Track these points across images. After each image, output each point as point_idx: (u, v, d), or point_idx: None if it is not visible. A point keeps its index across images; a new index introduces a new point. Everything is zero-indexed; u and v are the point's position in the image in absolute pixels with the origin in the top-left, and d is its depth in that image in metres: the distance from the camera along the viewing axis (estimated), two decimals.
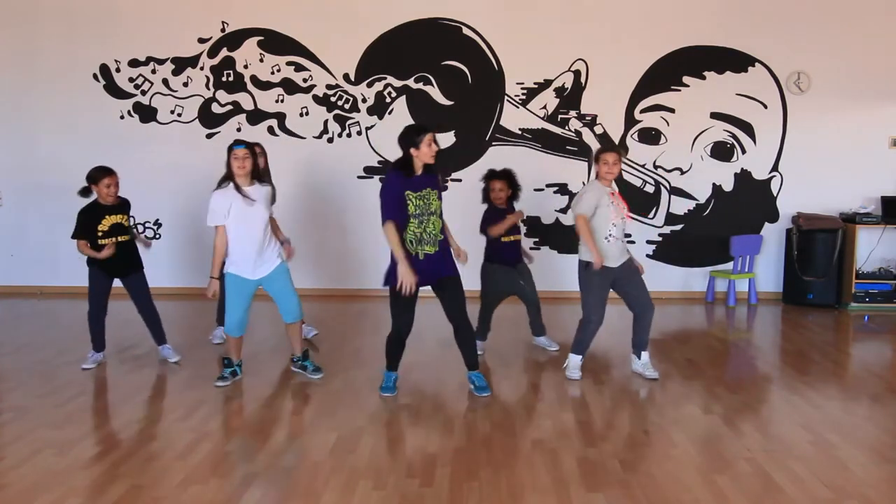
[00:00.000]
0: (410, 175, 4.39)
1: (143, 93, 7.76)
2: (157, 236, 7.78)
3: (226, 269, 4.70)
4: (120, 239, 5.08)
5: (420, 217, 4.39)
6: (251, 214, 4.62)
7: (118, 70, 7.75)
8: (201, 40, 7.71)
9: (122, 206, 5.15)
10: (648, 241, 7.80)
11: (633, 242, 7.58)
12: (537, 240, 7.75)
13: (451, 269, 4.54)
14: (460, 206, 7.89)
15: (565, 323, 6.34)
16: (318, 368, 5.02)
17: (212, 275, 4.70)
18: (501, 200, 5.44)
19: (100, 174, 5.03)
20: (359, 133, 7.75)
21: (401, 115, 7.70)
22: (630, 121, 7.72)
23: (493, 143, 7.73)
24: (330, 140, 7.77)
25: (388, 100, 7.72)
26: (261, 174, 4.86)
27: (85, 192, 5.07)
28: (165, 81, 7.75)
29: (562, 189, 7.72)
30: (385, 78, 7.70)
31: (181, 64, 7.73)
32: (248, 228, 4.63)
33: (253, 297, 4.80)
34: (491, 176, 5.47)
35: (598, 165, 4.83)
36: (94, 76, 7.75)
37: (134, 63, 7.74)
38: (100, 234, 5.03)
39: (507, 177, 5.46)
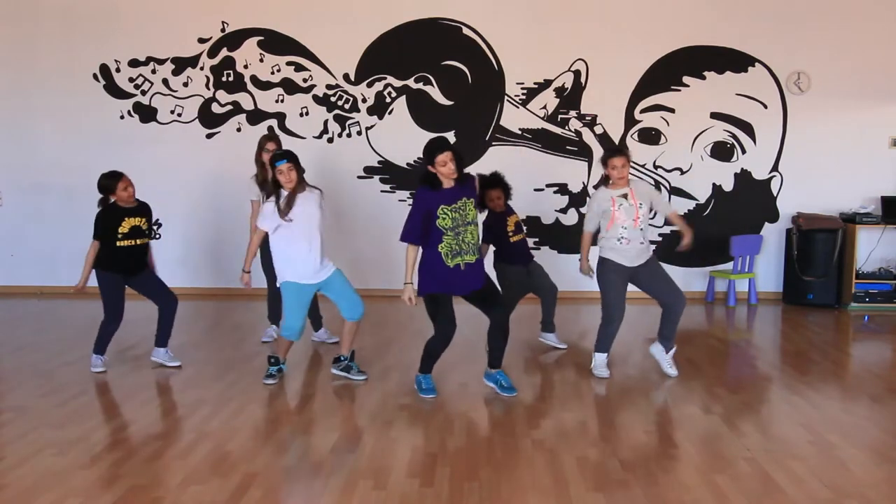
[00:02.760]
0: (438, 188, 4.35)
1: (143, 93, 7.76)
2: (157, 236, 7.77)
3: (284, 279, 4.75)
4: (138, 242, 5.04)
5: (456, 229, 4.35)
6: (298, 223, 4.66)
7: (118, 70, 7.75)
8: (201, 40, 7.71)
9: (142, 209, 5.10)
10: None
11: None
12: (537, 240, 7.75)
13: (486, 276, 4.55)
14: None
15: (567, 322, 6.32)
16: (362, 371, 4.99)
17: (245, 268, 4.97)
18: (501, 207, 5.47)
19: (112, 181, 4.94)
20: (359, 133, 7.75)
21: (401, 115, 7.71)
22: (630, 121, 7.72)
23: (493, 143, 7.73)
24: (330, 140, 7.77)
25: (388, 100, 7.72)
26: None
27: (103, 202, 5.01)
28: (165, 81, 7.75)
29: (562, 189, 7.72)
30: (385, 78, 7.70)
31: (181, 64, 7.73)
32: (305, 234, 4.68)
33: (311, 300, 4.90)
34: (484, 185, 5.28)
35: (608, 170, 4.82)
36: (94, 76, 7.75)
37: (134, 63, 7.74)
38: (119, 235, 4.98)
39: (500, 183, 5.44)
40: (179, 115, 7.78)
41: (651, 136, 7.70)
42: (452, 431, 4.01)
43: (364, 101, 7.73)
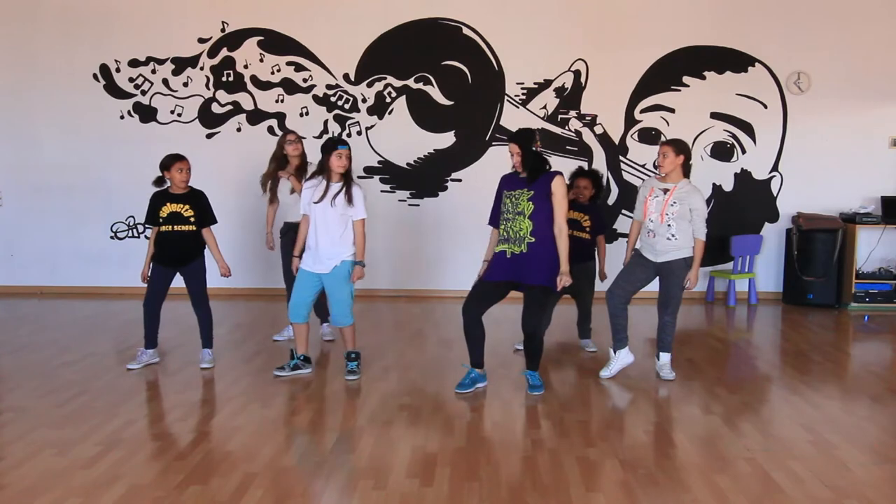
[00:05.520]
0: (518, 173, 4.58)
1: (143, 93, 7.77)
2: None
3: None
4: (176, 228, 5.06)
5: (506, 215, 4.55)
6: (316, 209, 4.81)
7: (118, 70, 7.75)
8: (201, 40, 7.71)
9: (189, 196, 5.10)
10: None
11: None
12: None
13: (536, 277, 4.49)
14: (461, 205, 7.90)
15: (570, 323, 6.32)
16: (354, 372, 4.99)
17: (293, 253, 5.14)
18: (584, 199, 5.48)
19: (171, 159, 5.06)
20: (359, 133, 7.75)
21: (401, 115, 7.71)
22: (630, 121, 7.72)
23: (493, 143, 7.73)
24: None
25: (388, 100, 7.72)
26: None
27: (159, 181, 5.11)
28: (165, 81, 7.75)
29: None
30: (385, 78, 7.70)
31: (181, 64, 7.73)
32: (314, 222, 4.83)
33: (315, 288, 4.91)
34: (578, 174, 5.54)
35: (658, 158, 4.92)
36: (94, 76, 7.75)
37: (134, 63, 7.75)
38: (160, 220, 5.07)
39: (594, 176, 5.54)
40: (179, 115, 7.78)
41: (651, 136, 7.70)
42: (452, 431, 4.01)
43: (364, 101, 7.73)
